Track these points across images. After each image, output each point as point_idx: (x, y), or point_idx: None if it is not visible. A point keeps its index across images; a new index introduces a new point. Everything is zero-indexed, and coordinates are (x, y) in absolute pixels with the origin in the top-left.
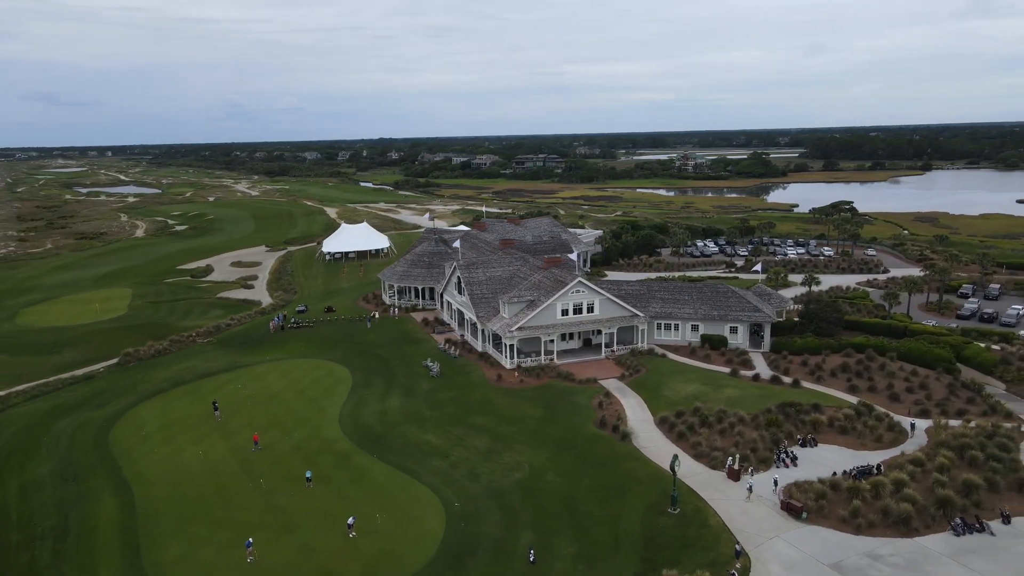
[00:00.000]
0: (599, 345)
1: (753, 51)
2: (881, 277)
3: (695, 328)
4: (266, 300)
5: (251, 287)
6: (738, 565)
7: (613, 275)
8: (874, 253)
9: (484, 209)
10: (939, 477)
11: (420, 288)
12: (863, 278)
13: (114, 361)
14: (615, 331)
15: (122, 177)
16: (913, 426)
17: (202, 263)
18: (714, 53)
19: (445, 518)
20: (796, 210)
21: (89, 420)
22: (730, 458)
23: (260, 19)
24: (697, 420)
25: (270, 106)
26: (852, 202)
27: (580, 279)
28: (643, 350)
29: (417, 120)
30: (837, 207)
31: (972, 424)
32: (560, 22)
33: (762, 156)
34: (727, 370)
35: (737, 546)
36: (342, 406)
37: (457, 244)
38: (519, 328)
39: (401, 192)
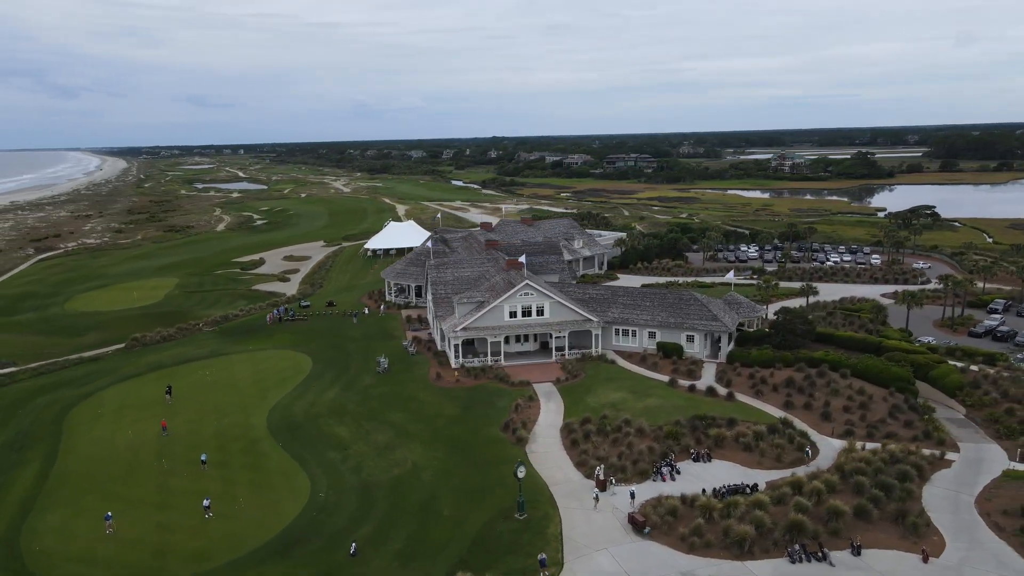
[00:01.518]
0: (561, 348)
1: (894, 43)
2: (913, 288)
3: (652, 335)
4: (292, 293)
5: (287, 280)
6: (546, 573)
7: (625, 278)
8: (922, 264)
9: (473, 213)
10: (801, 501)
11: (414, 286)
12: (891, 289)
13: (122, 345)
14: (566, 335)
15: (240, 174)
16: (809, 452)
17: (256, 256)
18: (849, 46)
19: (303, 507)
20: (882, 214)
21: (63, 397)
22: (598, 468)
23: (385, 22)
24: (595, 428)
25: (392, 105)
26: (934, 206)
27: (528, 281)
28: (595, 355)
29: (531, 119)
30: (916, 212)
31: (887, 448)
32: (681, 18)
33: (867, 156)
34: (667, 379)
35: (541, 556)
36: (283, 396)
37: (428, 244)
38: (463, 328)
39: (484, 191)
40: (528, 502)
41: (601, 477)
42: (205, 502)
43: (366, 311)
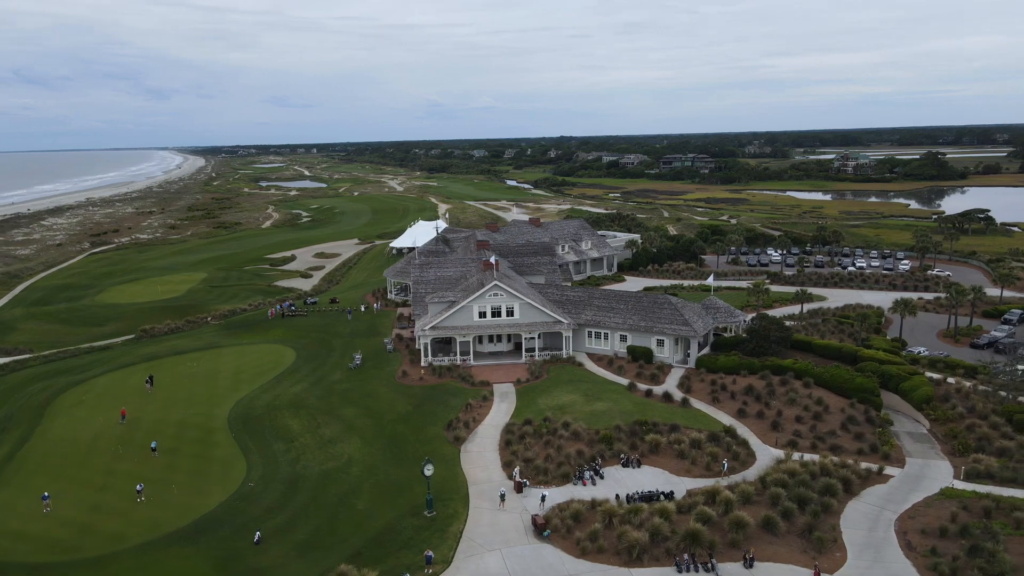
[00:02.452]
0: (532, 349)
1: (992, 36)
2: (927, 296)
3: (624, 338)
4: (307, 289)
5: (310, 276)
6: (429, 571)
7: (632, 280)
8: (938, 270)
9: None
10: (705, 511)
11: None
12: (905, 296)
13: (132, 336)
14: (537, 336)
15: (305, 172)
16: (726, 464)
17: (288, 253)
18: (943, 40)
19: (230, 496)
20: (934, 218)
21: (58, 384)
22: (515, 469)
23: (460, 23)
24: (532, 430)
25: (466, 105)
26: (988, 210)
27: (496, 282)
28: (564, 357)
29: (601, 118)
30: (968, 215)
31: (825, 460)
32: (762, 14)
33: (937, 156)
34: (626, 383)
35: (428, 553)
36: (255, 388)
37: (416, 243)
38: (432, 328)
39: (534, 191)
40: (443, 500)
41: (517, 479)
42: (138, 487)
43: (362, 308)
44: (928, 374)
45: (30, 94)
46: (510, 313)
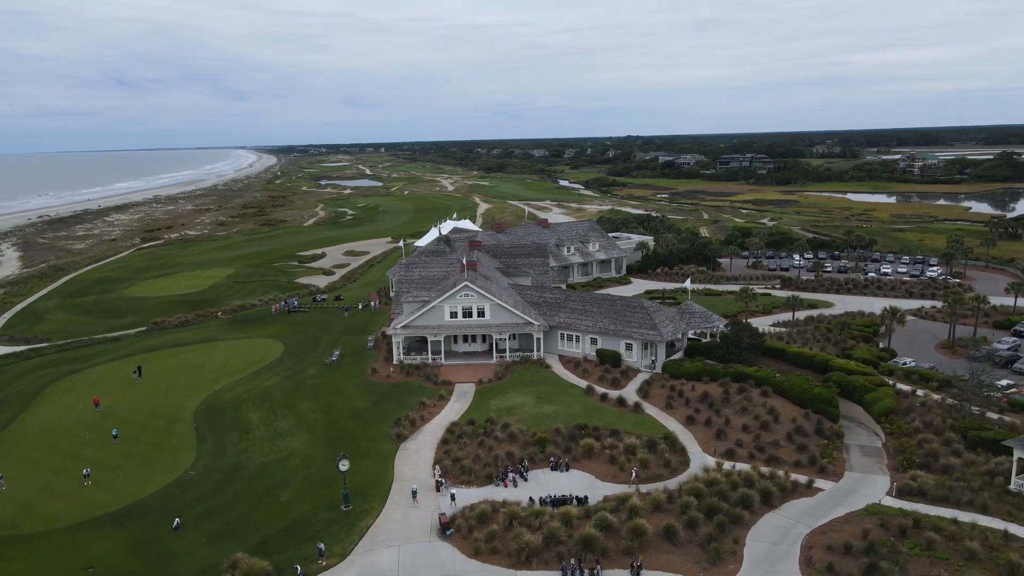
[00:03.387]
0: (510, 350)
1: None
2: (901, 304)
3: (594, 341)
4: (324, 286)
5: (332, 274)
6: (322, 563)
7: (637, 283)
8: (943, 276)
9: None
10: (604, 517)
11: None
12: (918, 304)
13: (143, 328)
14: (509, 337)
15: (367, 171)
16: (636, 472)
17: (320, 250)
18: None
19: (169, 483)
20: (991, 222)
21: (57, 372)
22: (435, 468)
23: (529, 22)
24: (471, 430)
25: (533, 105)
26: None
27: (467, 283)
28: (534, 359)
29: (669, 117)
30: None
31: (755, 470)
32: (840, 8)
33: (1012, 156)
34: (584, 385)
35: (320, 545)
36: (232, 381)
37: (401, 243)
38: (403, 327)
39: (582, 191)
40: (365, 496)
41: (436, 477)
42: (85, 471)
43: (360, 306)
44: (900, 386)
45: (121, 96)
46: (481, 314)
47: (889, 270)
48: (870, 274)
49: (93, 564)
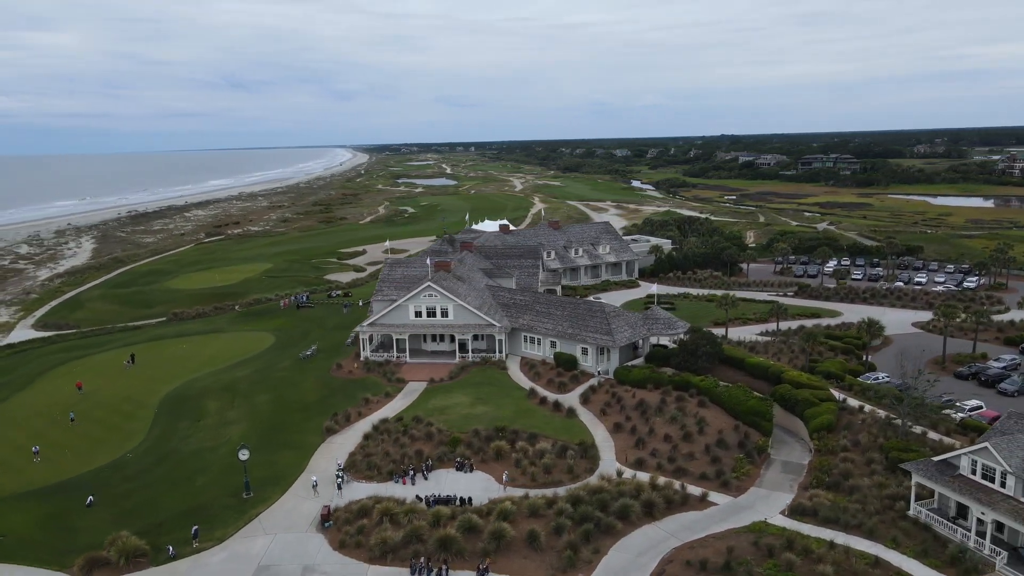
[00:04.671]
0: (475, 350)
1: None
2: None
3: (553, 344)
4: (347, 282)
5: (363, 271)
6: (195, 544)
7: (645, 286)
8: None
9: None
10: (470, 518)
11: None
12: (929, 316)
13: (163, 319)
14: (472, 337)
15: (448, 170)
16: (506, 478)
17: (362, 248)
18: None
19: (106, 463)
20: None
21: (68, 357)
22: (339, 463)
23: (628, 20)
24: (394, 427)
25: (631, 103)
26: None
27: (429, 283)
28: (494, 360)
29: (773, 114)
30: None
31: (653, 481)
32: None
33: None
34: (528, 388)
35: (194, 528)
36: (209, 371)
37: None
38: (370, 324)
39: (648, 192)
40: (272, 485)
41: (336, 472)
42: (35, 448)
43: (360, 303)
44: (852, 402)
45: (234, 97)
46: (444, 314)
47: (924, 279)
48: (897, 284)
49: (6, 534)
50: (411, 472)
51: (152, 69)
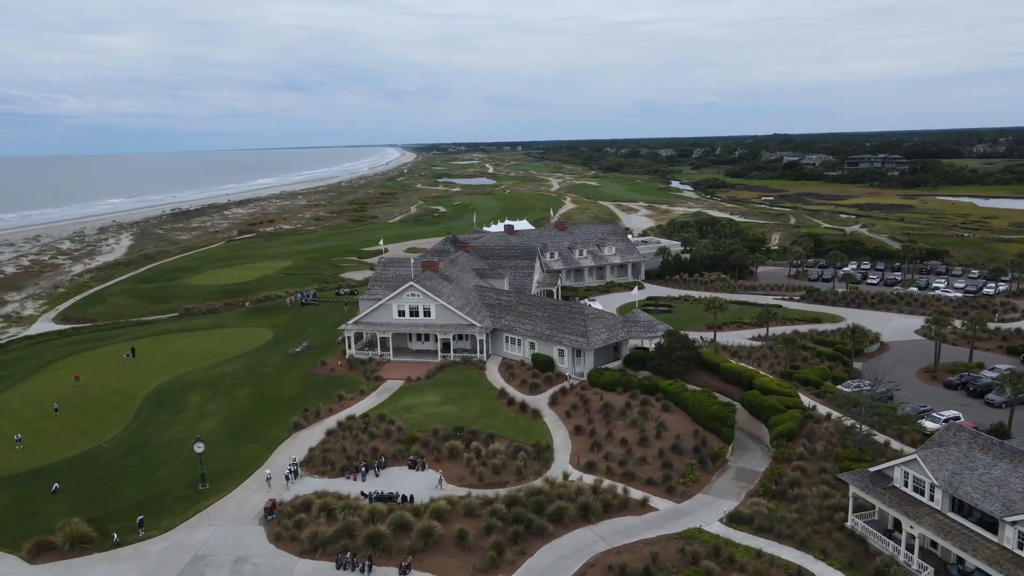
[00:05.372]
0: (457, 349)
1: None
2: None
3: (532, 345)
4: (359, 280)
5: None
6: (141, 533)
7: (649, 288)
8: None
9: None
10: (402, 516)
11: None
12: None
13: (175, 314)
14: (454, 337)
15: (490, 169)
16: (441, 481)
17: (383, 247)
18: None
19: (82, 452)
20: None
21: (76, 349)
22: (292, 458)
23: (681, 17)
24: (356, 424)
25: (683, 102)
26: None
27: (412, 283)
28: (475, 359)
29: (831, 113)
30: None
31: (597, 484)
32: None
33: None
34: (499, 388)
35: (140, 517)
36: (202, 366)
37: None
38: (355, 322)
39: (685, 193)
40: (226, 477)
41: (289, 466)
42: (17, 436)
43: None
44: (822, 409)
45: (291, 98)
46: (427, 313)
47: (942, 284)
48: (911, 289)
49: None
50: (363, 469)
51: (211, 71)
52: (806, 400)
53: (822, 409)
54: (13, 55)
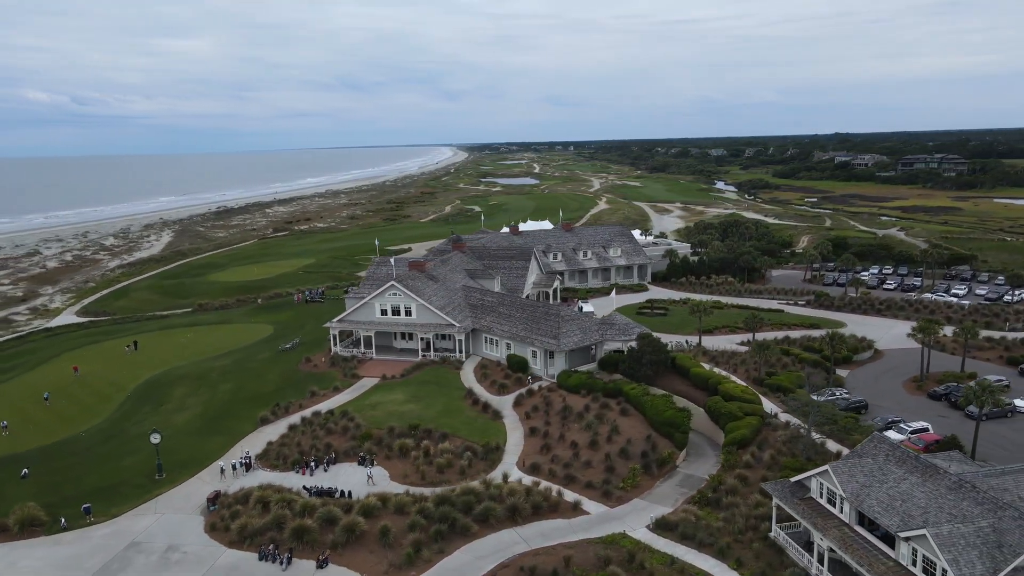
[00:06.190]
0: (440, 349)
1: None
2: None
3: (509, 346)
4: None
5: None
6: (90, 520)
7: (653, 291)
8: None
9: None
10: (332, 511)
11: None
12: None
13: (189, 309)
14: (434, 336)
15: (536, 169)
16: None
17: (407, 245)
18: None
19: (61, 439)
20: None
21: (87, 341)
22: (247, 451)
23: (742, 14)
24: (318, 420)
25: (742, 101)
26: None
27: (393, 282)
28: (453, 359)
29: (899, 111)
30: None
31: (535, 487)
32: None
33: None
34: (468, 388)
35: (86, 505)
36: (194, 360)
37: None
38: (339, 320)
39: (725, 194)
40: (184, 468)
41: (241, 459)
42: (3, 423)
43: None
44: (784, 417)
45: (350, 98)
46: (408, 312)
47: (963, 290)
48: (925, 295)
49: None
50: (312, 464)
51: (274, 72)
52: (771, 407)
53: (786, 417)
54: (90, 58)
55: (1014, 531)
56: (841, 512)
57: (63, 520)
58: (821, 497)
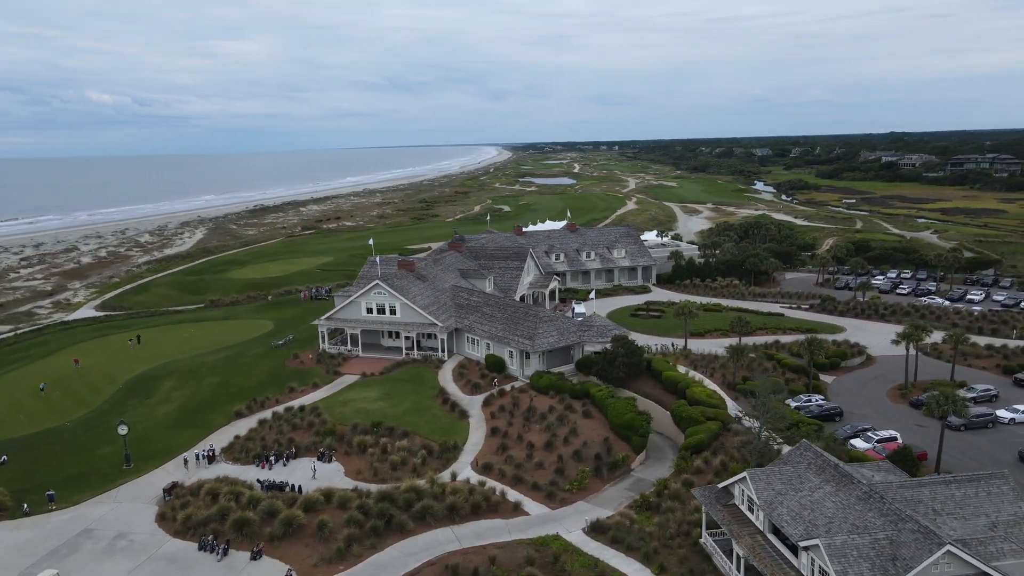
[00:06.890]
0: (425, 348)
1: None
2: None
3: (488, 346)
4: None
5: None
6: (52, 507)
7: (656, 293)
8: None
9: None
10: (274, 504)
11: None
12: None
13: (202, 305)
14: (418, 335)
15: (576, 169)
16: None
17: (427, 244)
18: None
19: (46, 428)
20: None
21: (94, 335)
22: (209, 444)
23: (792, 11)
24: (288, 415)
25: (793, 99)
26: None
27: (378, 281)
28: (435, 358)
29: (958, 108)
30: None
31: (480, 487)
32: None
33: None
34: (441, 387)
35: (49, 492)
36: (191, 355)
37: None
38: (327, 318)
39: (761, 195)
40: (151, 459)
41: (205, 451)
42: None
43: None
44: (747, 423)
45: (398, 99)
46: (392, 311)
47: (978, 296)
48: (936, 300)
49: None
50: (271, 458)
51: (324, 73)
52: (736, 412)
53: (747, 422)
54: (148, 60)
55: (910, 544)
56: (757, 519)
57: (25, 506)
58: (743, 504)
